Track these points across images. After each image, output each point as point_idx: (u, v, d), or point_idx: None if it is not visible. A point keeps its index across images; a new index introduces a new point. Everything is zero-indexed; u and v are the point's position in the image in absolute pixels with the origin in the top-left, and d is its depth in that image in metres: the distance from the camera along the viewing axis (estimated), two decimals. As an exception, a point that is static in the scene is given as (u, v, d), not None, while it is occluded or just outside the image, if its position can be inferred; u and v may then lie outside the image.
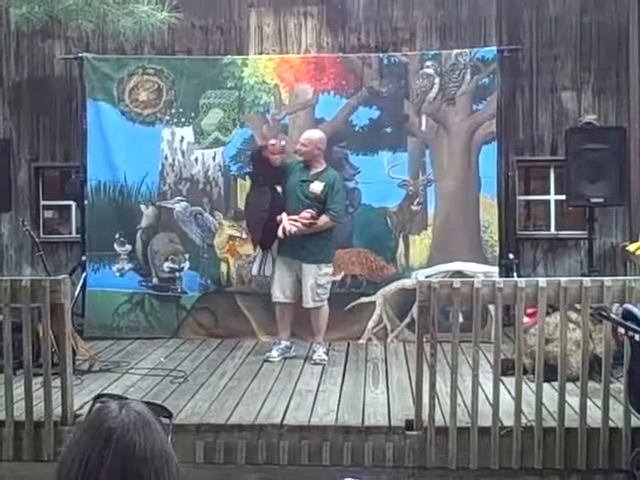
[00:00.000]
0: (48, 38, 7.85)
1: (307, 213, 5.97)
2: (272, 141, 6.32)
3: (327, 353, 6.24)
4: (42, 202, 8.10)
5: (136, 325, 7.12)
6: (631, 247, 6.66)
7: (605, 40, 7.57)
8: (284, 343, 6.28)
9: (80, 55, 7.34)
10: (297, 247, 6.03)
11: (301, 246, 6.02)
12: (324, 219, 6.03)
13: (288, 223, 5.96)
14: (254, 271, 6.43)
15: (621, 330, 4.23)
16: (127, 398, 1.48)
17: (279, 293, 6.21)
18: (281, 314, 6.32)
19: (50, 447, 4.55)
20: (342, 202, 6.19)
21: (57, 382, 4.65)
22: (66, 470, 1.37)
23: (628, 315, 4.18)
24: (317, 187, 6.06)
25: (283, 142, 6.40)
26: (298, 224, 5.95)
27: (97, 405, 1.48)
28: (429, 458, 4.45)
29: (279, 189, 6.22)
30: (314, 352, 6.18)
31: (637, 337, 4.03)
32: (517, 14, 7.63)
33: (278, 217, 6.04)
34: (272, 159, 6.11)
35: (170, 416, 1.59)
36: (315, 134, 6.29)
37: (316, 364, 6.02)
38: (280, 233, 5.97)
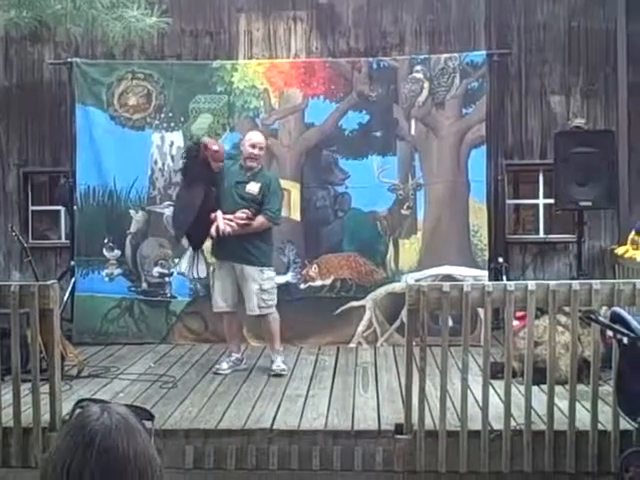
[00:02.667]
0: (37, 43, 7.83)
1: (242, 213, 5.75)
2: (215, 147, 5.92)
3: (285, 362, 5.97)
4: (31, 207, 8.07)
5: (125, 330, 7.10)
6: (619, 250, 6.69)
7: (593, 45, 7.61)
8: (235, 355, 6.08)
9: (69, 60, 7.33)
10: (237, 250, 5.75)
11: (242, 249, 5.75)
12: (260, 220, 5.79)
13: (223, 223, 5.72)
14: (181, 268, 6.20)
15: (609, 333, 4.24)
16: (109, 402, 1.47)
17: (222, 302, 5.94)
18: (229, 324, 6.10)
19: (38, 453, 4.52)
20: (279, 203, 5.97)
21: (46, 388, 4.63)
22: (48, 475, 1.36)
23: (616, 318, 4.19)
24: (254, 188, 5.82)
25: (224, 147, 6.14)
26: (233, 224, 5.72)
27: (78, 409, 1.47)
28: (419, 462, 4.45)
29: (213, 188, 5.88)
30: (272, 362, 5.93)
31: (625, 340, 4.05)
32: (506, 19, 7.66)
33: (212, 215, 5.74)
34: (213, 165, 5.80)
35: (152, 418, 1.58)
36: (261, 137, 6.06)
37: (276, 375, 5.78)
38: (213, 232, 5.73)
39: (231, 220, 5.74)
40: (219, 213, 5.76)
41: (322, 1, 7.76)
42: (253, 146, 5.88)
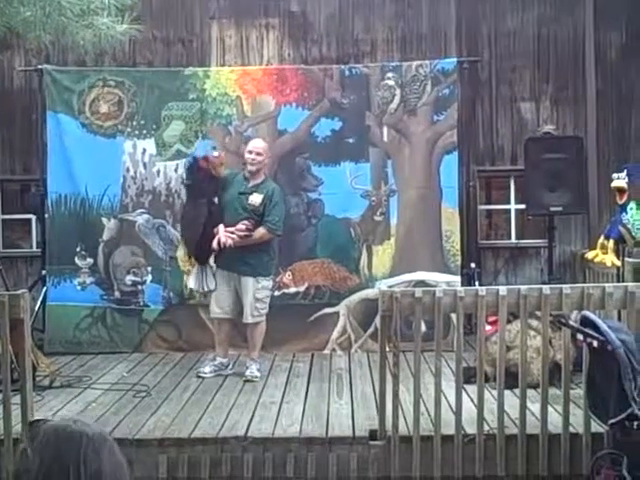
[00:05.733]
0: (7, 50, 7.75)
1: (242, 225, 5.86)
2: (215, 153, 6.25)
3: (260, 370, 6.06)
4: (1, 216, 7.98)
5: (98, 340, 7.03)
6: (590, 255, 6.76)
7: (562, 52, 7.72)
8: (219, 360, 6.15)
9: (40, 67, 7.26)
10: (236, 260, 5.91)
11: (240, 259, 5.90)
12: (261, 231, 5.91)
13: (224, 235, 5.85)
14: (191, 284, 6.29)
15: (580, 337, 4.28)
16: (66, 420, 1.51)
17: (216, 308, 6.09)
18: (218, 329, 6.20)
19: (10, 465, 4.47)
20: (280, 214, 6.03)
21: (17, 399, 4.57)
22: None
23: (586, 322, 4.23)
24: (256, 199, 5.94)
25: (222, 153, 6.38)
26: (234, 236, 5.85)
27: (48, 424, 1.47)
28: (393, 468, 4.46)
29: (216, 201, 6.06)
30: (247, 368, 6.01)
31: (595, 344, 4.09)
32: (476, 26, 7.74)
33: (215, 229, 5.90)
34: (217, 171, 6.01)
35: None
36: (262, 143, 6.23)
37: (247, 381, 5.87)
38: (215, 245, 5.86)
39: (232, 232, 5.85)
40: (221, 227, 5.89)
41: (294, 9, 7.79)
42: (250, 152, 6.05)
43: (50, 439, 1.42)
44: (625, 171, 6.31)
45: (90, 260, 7.09)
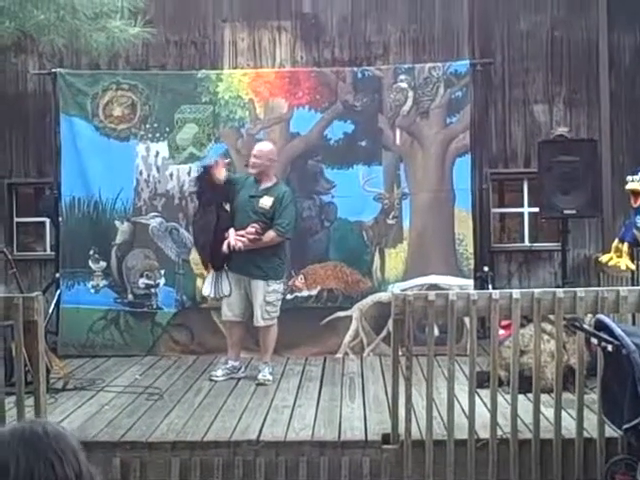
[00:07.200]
0: (21, 54, 7.81)
1: (252, 228, 5.87)
2: (214, 160, 6.36)
3: (272, 373, 6.04)
4: (16, 219, 8.03)
5: (111, 342, 7.05)
6: (604, 258, 6.72)
7: (576, 54, 7.69)
8: (231, 363, 6.14)
9: (54, 70, 7.29)
10: (246, 263, 5.91)
11: (250, 262, 5.90)
12: (270, 234, 5.90)
13: (234, 238, 5.87)
14: (206, 291, 6.27)
15: (594, 341, 4.25)
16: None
17: (228, 312, 6.09)
18: (230, 333, 6.21)
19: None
20: (290, 217, 5.99)
21: (30, 401, 4.59)
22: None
23: (601, 326, 4.21)
24: (266, 202, 5.94)
25: (227, 160, 6.45)
26: (244, 239, 5.86)
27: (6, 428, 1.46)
28: (406, 472, 4.44)
29: (226, 207, 6.09)
30: (259, 371, 6.02)
31: (610, 348, 4.06)
32: (489, 28, 7.72)
33: (226, 233, 5.92)
34: (217, 177, 6.03)
35: None
36: (266, 146, 6.23)
37: (260, 384, 5.86)
38: (225, 248, 5.88)
39: (242, 236, 5.86)
40: (231, 230, 5.91)
41: (306, 11, 7.80)
42: (254, 156, 6.05)
43: (20, 442, 1.39)
44: (639, 173, 6.27)
45: (103, 263, 7.11)
